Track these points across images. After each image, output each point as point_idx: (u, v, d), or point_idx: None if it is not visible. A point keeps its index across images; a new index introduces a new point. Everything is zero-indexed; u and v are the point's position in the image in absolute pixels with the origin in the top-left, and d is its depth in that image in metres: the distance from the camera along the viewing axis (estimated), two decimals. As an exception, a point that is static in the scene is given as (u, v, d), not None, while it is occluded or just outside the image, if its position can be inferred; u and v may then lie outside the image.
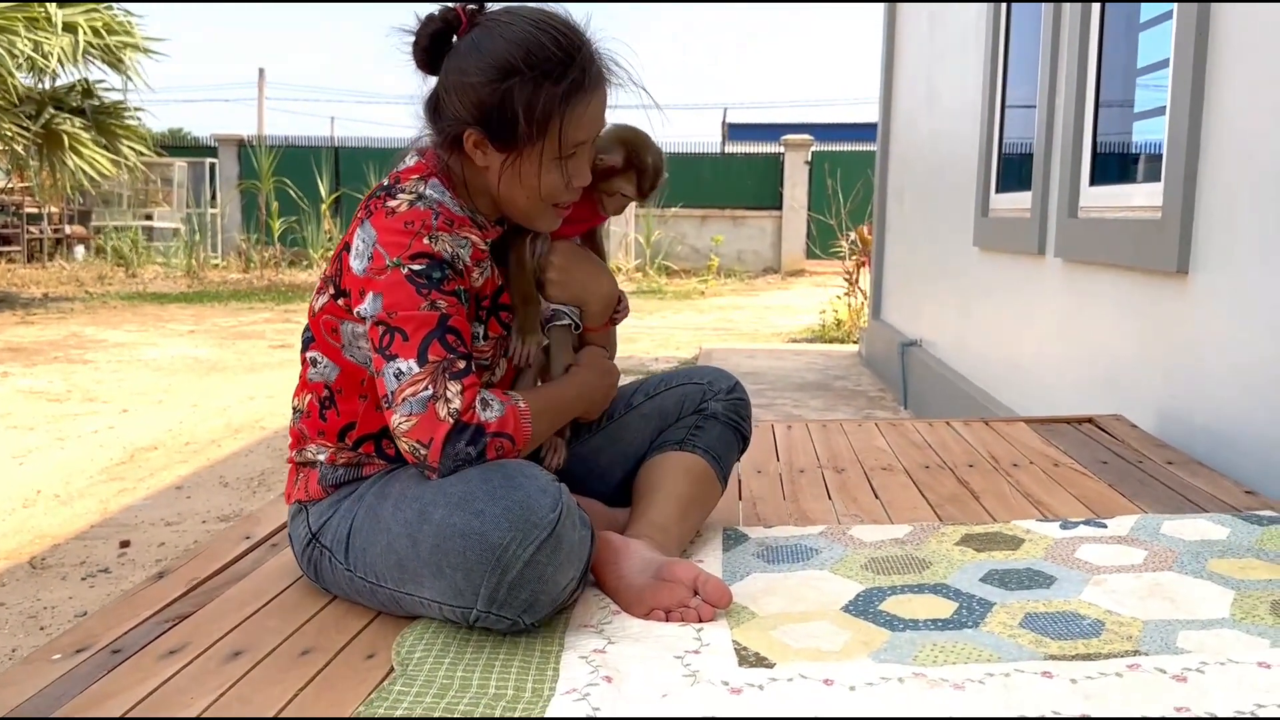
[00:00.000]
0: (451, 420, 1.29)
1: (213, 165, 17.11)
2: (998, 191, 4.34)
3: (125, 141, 11.02)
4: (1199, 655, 1.23)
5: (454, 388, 1.31)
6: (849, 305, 9.00)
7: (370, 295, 1.34)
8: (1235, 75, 2.34)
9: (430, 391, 1.30)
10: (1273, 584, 1.47)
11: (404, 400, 1.30)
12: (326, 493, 1.45)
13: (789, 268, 16.60)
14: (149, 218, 16.77)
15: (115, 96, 11.18)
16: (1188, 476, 2.12)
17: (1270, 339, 2.14)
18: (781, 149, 16.87)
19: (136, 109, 11.44)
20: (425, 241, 1.35)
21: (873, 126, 7.45)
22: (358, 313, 1.37)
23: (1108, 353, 2.99)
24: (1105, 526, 1.75)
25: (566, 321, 1.60)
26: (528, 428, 1.37)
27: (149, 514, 3.77)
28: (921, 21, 6.07)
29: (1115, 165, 3.23)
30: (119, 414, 5.48)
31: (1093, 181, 3.26)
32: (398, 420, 1.31)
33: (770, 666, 1.22)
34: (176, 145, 18.46)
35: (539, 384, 1.59)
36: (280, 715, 1.12)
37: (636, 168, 1.57)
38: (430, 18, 1.41)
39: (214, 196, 16.92)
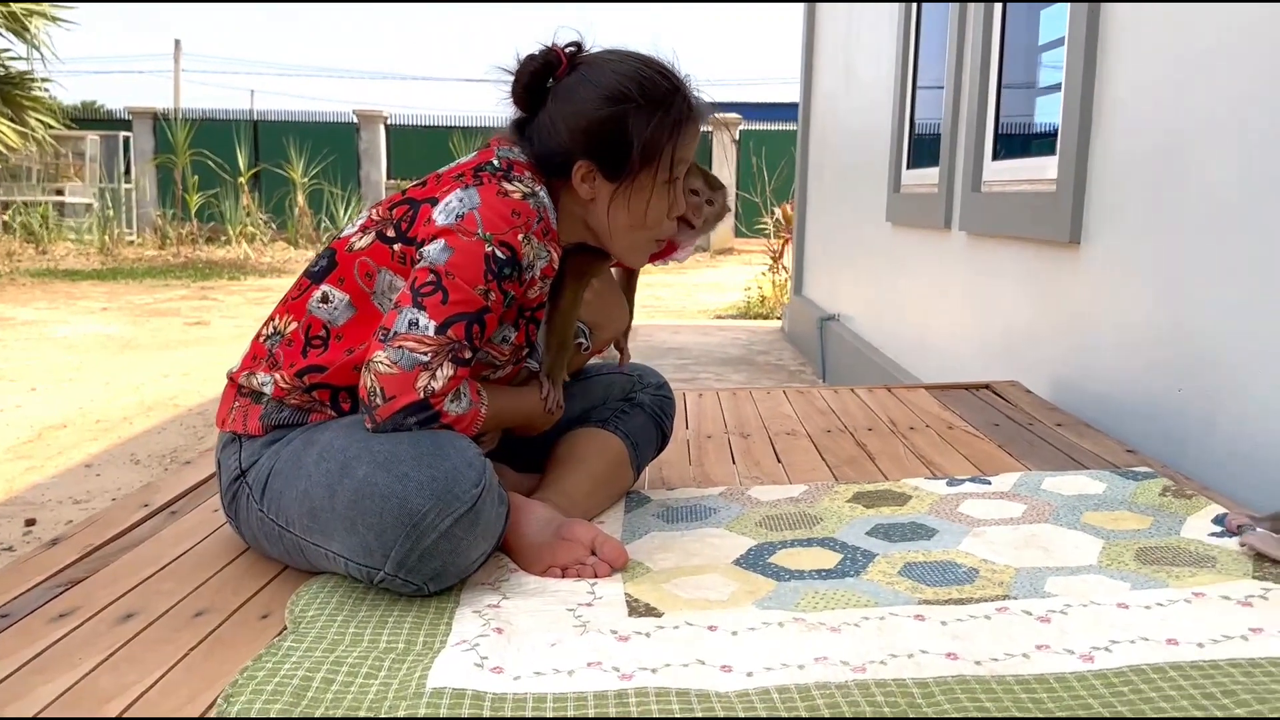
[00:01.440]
0: (421, 395, 1.31)
1: (127, 139, 16.59)
2: (909, 168, 4.44)
3: (32, 113, 10.64)
4: (1064, 599, 1.30)
5: (446, 370, 1.33)
6: (773, 282, 9.11)
7: (443, 244, 1.36)
8: (1125, 54, 2.43)
9: (426, 359, 1.32)
10: (1140, 533, 1.55)
11: (399, 347, 1.32)
12: (265, 431, 1.43)
13: (718, 246, 16.70)
14: (60, 193, 16.22)
15: (21, 66, 10.79)
16: (1074, 437, 2.22)
17: (1152, 305, 2.25)
18: (709, 127, 16.88)
19: (44, 80, 11.04)
20: (519, 238, 1.39)
21: (796, 106, 7.53)
22: (420, 252, 1.38)
23: (1007, 322, 3.09)
24: (989, 483, 1.83)
25: (578, 339, 1.66)
26: (475, 430, 1.41)
27: (56, 492, 3.69)
28: (839, 6, 6.15)
29: (1017, 141, 3.33)
30: (27, 392, 5.34)
31: (995, 156, 3.36)
32: (380, 358, 1.32)
33: (659, 616, 1.26)
34: (88, 118, 17.87)
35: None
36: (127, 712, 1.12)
37: (698, 166, 1.69)
38: (531, 57, 1.48)
39: (128, 171, 16.41)
